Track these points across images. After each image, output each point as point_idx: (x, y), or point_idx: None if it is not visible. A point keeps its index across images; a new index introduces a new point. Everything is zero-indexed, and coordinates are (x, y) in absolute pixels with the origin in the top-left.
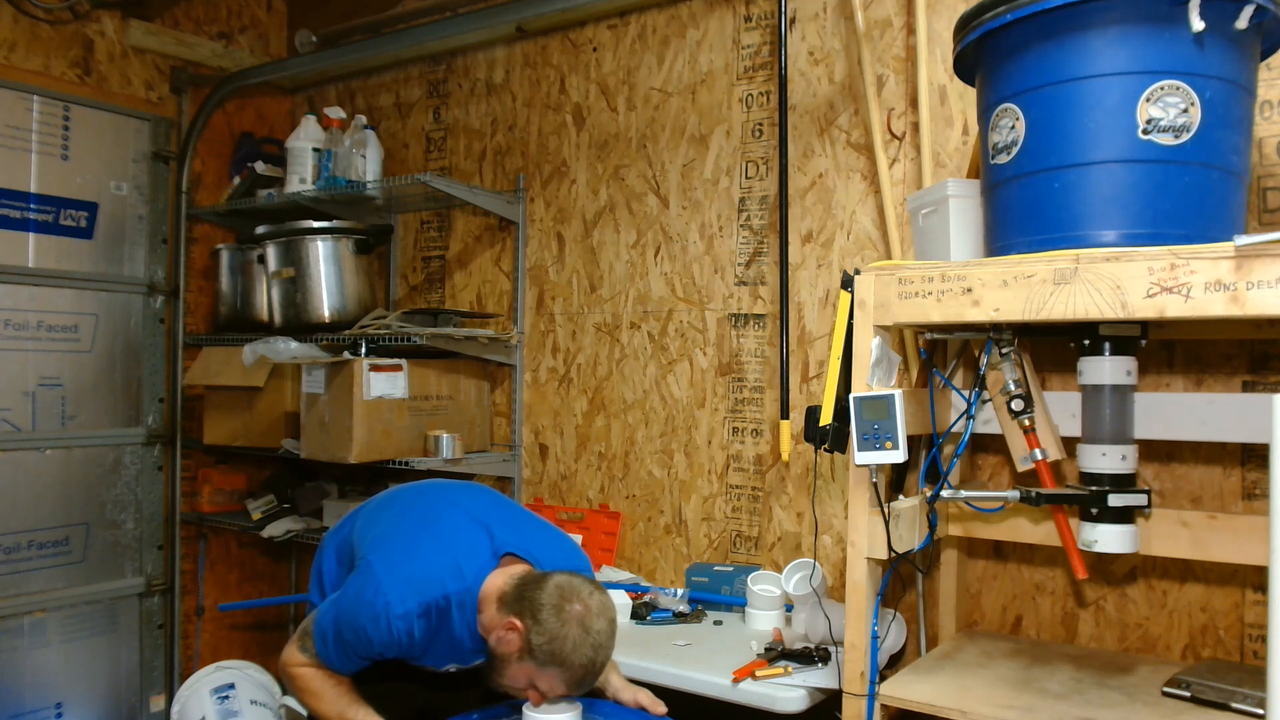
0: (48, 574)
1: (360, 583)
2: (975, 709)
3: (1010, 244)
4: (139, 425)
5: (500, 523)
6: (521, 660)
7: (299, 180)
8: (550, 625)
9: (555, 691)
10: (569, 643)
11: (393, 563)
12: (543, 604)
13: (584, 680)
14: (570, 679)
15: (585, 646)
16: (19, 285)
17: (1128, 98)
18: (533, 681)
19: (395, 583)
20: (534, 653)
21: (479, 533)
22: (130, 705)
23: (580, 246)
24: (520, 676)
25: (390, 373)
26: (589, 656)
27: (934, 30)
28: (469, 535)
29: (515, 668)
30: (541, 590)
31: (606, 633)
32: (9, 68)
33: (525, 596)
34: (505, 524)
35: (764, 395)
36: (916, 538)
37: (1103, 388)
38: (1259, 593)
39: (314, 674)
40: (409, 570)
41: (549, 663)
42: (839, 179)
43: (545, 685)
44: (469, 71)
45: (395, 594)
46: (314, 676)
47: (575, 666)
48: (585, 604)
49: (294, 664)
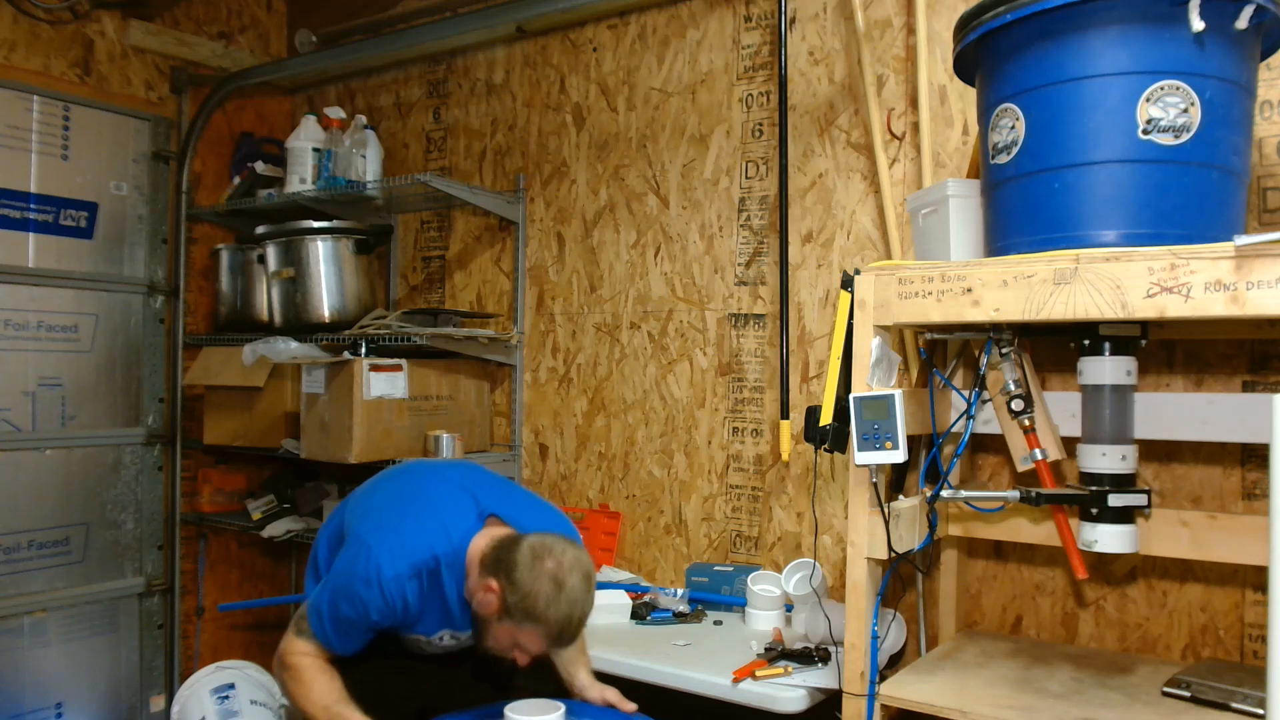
0: (48, 574)
1: (351, 554)
2: (975, 709)
3: (1010, 244)
4: (139, 425)
5: (485, 490)
6: (501, 620)
7: (299, 180)
8: (524, 583)
9: (537, 648)
10: (542, 599)
11: (382, 532)
12: (517, 563)
13: (563, 635)
14: (548, 634)
15: (560, 602)
16: (19, 285)
17: (1128, 98)
18: (515, 640)
19: (385, 548)
20: (510, 611)
21: (464, 498)
22: (130, 705)
23: (580, 246)
24: (503, 637)
25: (390, 373)
26: (564, 612)
27: (934, 30)
28: (454, 500)
29: (496, 628)
30: (516, 550)
31: (581, 588)
32: (9, 68)
33: (501, 558)
34: (490, 492)
35: (764, 395)
36: (916, 538)
37: (1103, 388)
38: (1259, 593)
39: (309, 664)
40: (398, 536)
41: (525, 619)
42: (839, 179)
43: (526, 642)
44: (469, 71)
45: (386, 558)
46: (309, 668)
47: (551, 622)
48: (558, 561)
49: (292, 654)
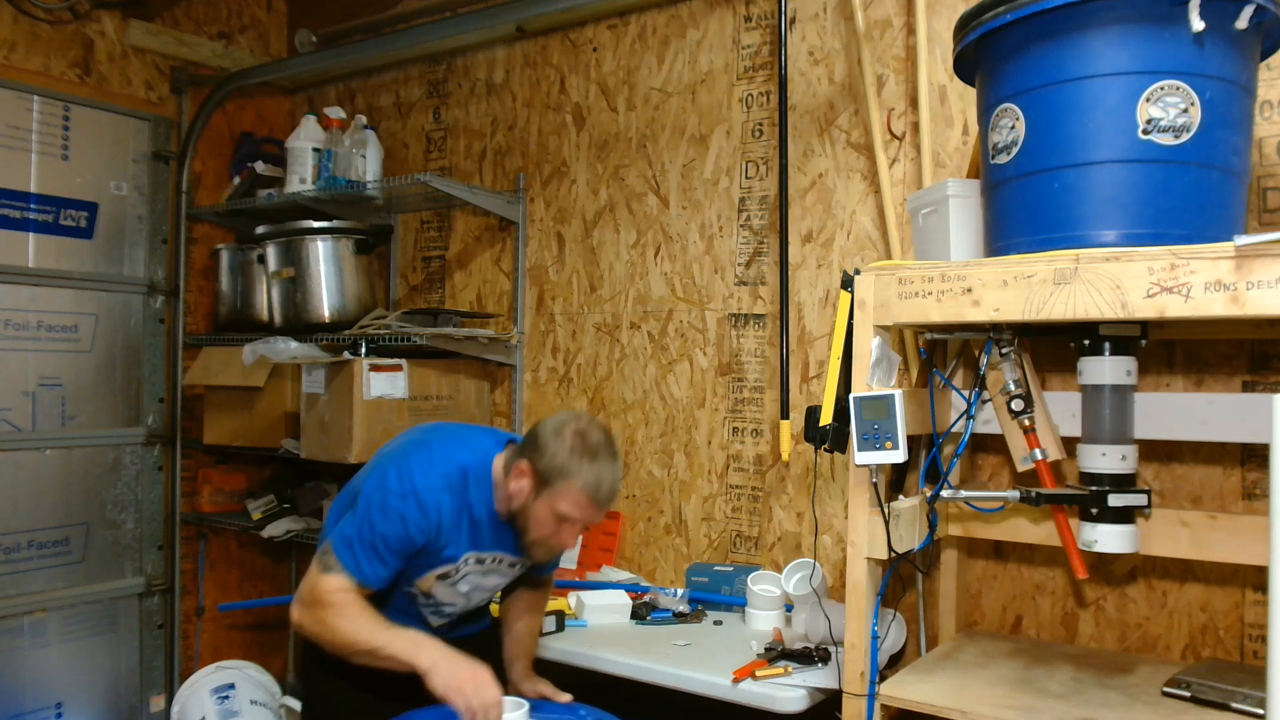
0: (48, 574)
1: (379, 477)
2: (975, 709)
3: (1010, 244)
4: (139, 425)
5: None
6: (538, 496)
7: (299, 180)
8: (551, 446)
9: (580, 511)
10: (573, 453)
11: (408, 453)
12: (540, 435)
13: (599, 490)
14: (585, 487)
15: (591, 454)
16: (19, 285)
17: (1128, 98)
18: (556, 511)
19: (415, 462)
20: (545, 477)
21: (482, 430)
22: (130, 705)
23: (580, 246)
24: (545, 516)
25: (390, 373)
26: (596, 465)
27: (934, 30)
28: (473, 430)
29: (536, 509)
30: (538, 430)
31: (606, 444)
32: (9, 68)
33: (525, 444)
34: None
35: (764, 395)
36: (916, 538)
37: (1103, 388)
38: (1259, 593)
39: (350, 599)
40: (425, 454)
41: (560, 478)
42: (839, 179)
43: (568, 506)
44: (469, 71)
45: (418, 470)
46: (351, 602)
47: (586, 472)
48: (578, 424)
49: (327, 590)
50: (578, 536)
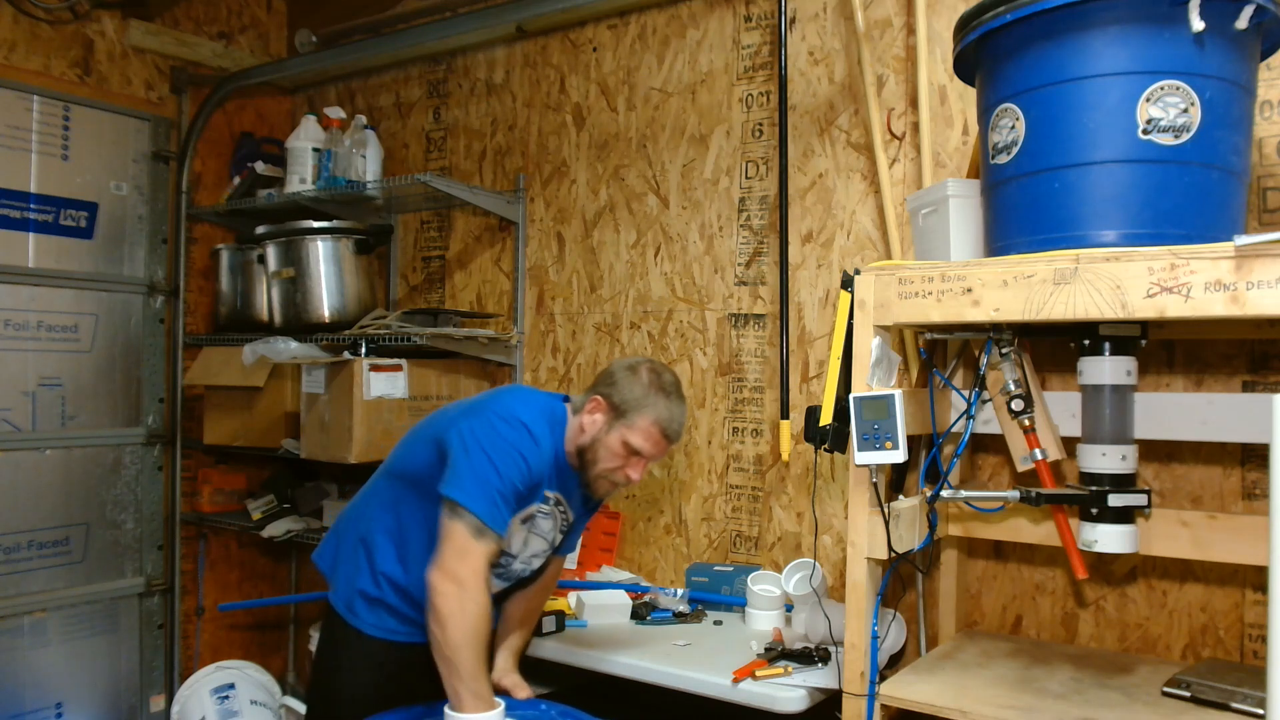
0: (48, 574)
1: (479, 426)
2: (975, 709)
3: (1010, 244)
4: (139, 425)
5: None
6: (611, 427)
7: (299, 180)
8: (626, 381)
9: (652, 443)
10: (650, 389)
11: (500, 400)
12: (614, 372)
13: (671, 424)
14: (658, 419)
15: (664, 389)
16: (19, 285)
17: (1128, 98)
18: (627, 442)
19: (516, 405)
20: (619, 409)
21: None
22: (130, 705)
23: (580, 246)
24: (615, 447)
25: (390, 373)
26: (669, 399)
27: (934, 30)
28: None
29: (608, 440)
30: (609, 369)
31: (677, 385)
32: (9, 68)
33: (597, 381)
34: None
35: (764, 395)
36: (916, 538)
37: (1103, 388)
38: (1259, 593)
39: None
40: (516, 398)
41: (634, 410)
42: (839, 179)
43: (640, 439)
44: (469, 71)
45: (523, 411)
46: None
47: (660, 406)
48: (650, 364)
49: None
50: (643, 472)
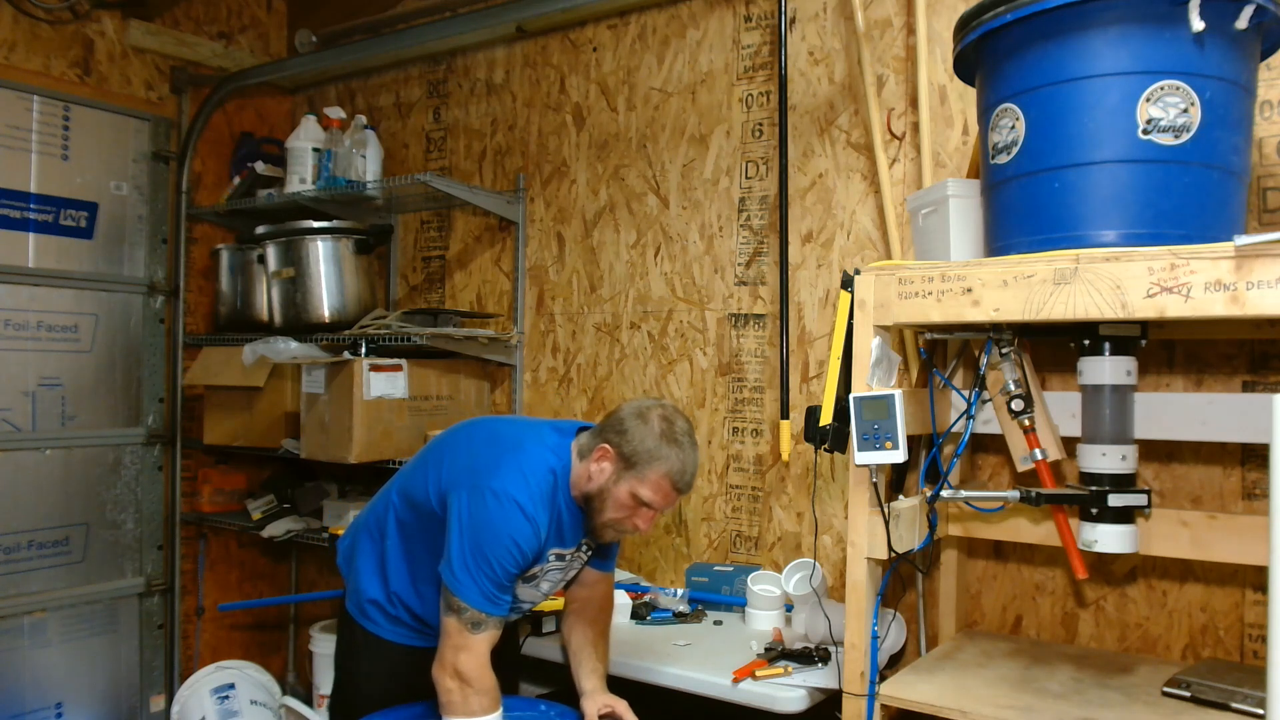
0: (48, 574)
1: (473, 504)
2: (975, 709)
3: (1010, 244)
4: (139, 425)
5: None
6: (620, 478)
7: (299, 180)
8: (636, 430)
9: (662, 496)
10: (661, 440)
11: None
12: (624, 419)
13: (682, 476)
14: (669, 471)
15: (675, 439)
16: (19, 285)
17: (1128, 98)
18: (636, 494)
19: (512, 481)
20: (629, 460)
21: (543, 426)
22: (130, 705)
23: (580, 246)
24: (624, 498)
25: (390, 373)
26: (680, 450)
27: (934, 30)
28: (539, 428)
29: (616, 492)
30: (619, 415)
31: (689, 432)
32: (9, 68)
33: (605, 426)
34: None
35: (764, 395)
36: (916, 538)
37: (1103, 388)
38: (1259, 593)
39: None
40: (516, 469)
41: (644, 463)
42: (839, 179)
43: (650, 492)
44: (469, 71)
45: (517, 490)
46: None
47: (672, 458)
48: (662, 409)
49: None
50: (651, 523)
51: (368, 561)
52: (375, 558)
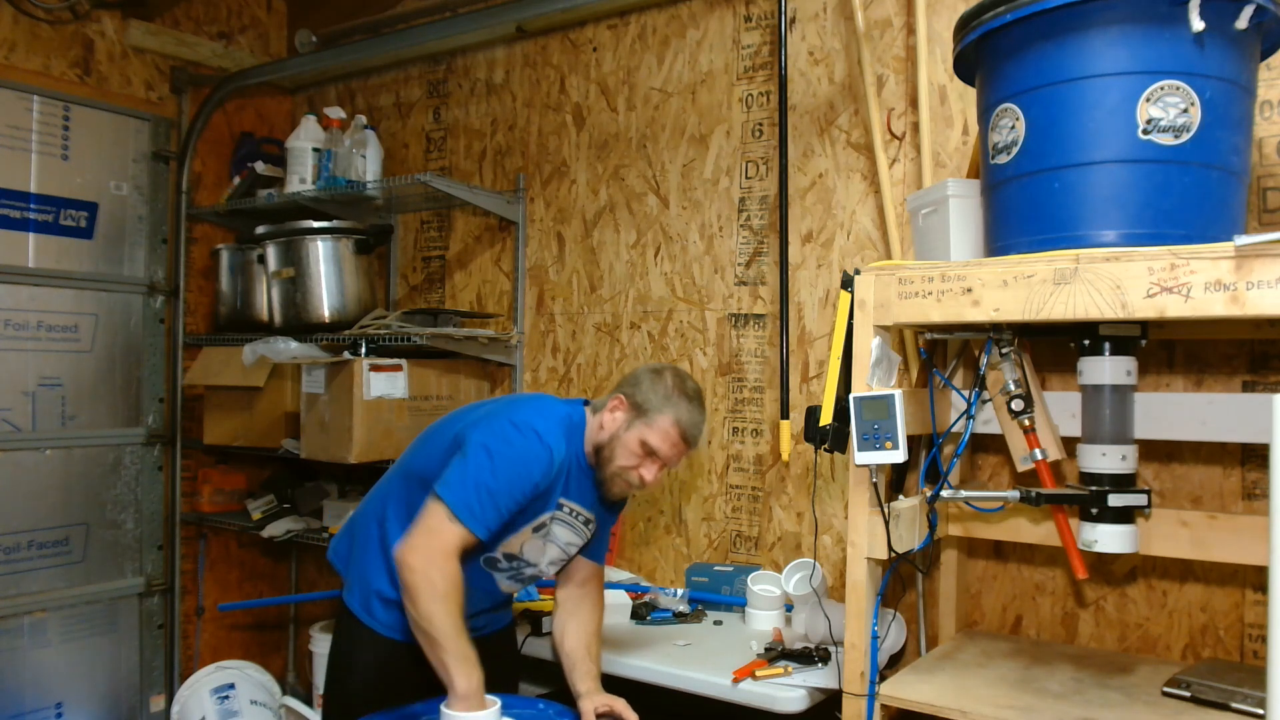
0: (48, 574)
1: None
2: (975, 709)
3: (1010, 244)
4: (139, 425)
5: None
6: (630, 425)
7: (299, 180)
8: (649, 382)
9: (669, 445)
10: (673, 391)
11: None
12: (638, 374)
13: (692, 425)
14: (678, 420)
15: (685, 393)
16: (19, 285)
17: (1128, 98)
18: (645, 441)
19: (527, 411)
20: (640, 407)
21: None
22: (130, 705)
23: (580, 246)
24: (633, 444)
25: (390, 373)
26: (689, 406)
27: (934, 30)
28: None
29: (626, 437)
30: (635, 372)
31: (698, 390)
32: (9, 68)
33: (622, 381)
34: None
35: (764, 395)
36: (916, 538)
37: (1103, 388)
38: (1259, 593)
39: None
40: (530, 405)
41: (655, 410)
42: (839, 179)
43: (658, 439)
44: (469, 71)
45: (534, 417)
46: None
47: (682, 408)
48: (675, 370)
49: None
50: (656, 476)
51: (369, 552)
52: (377, 546)
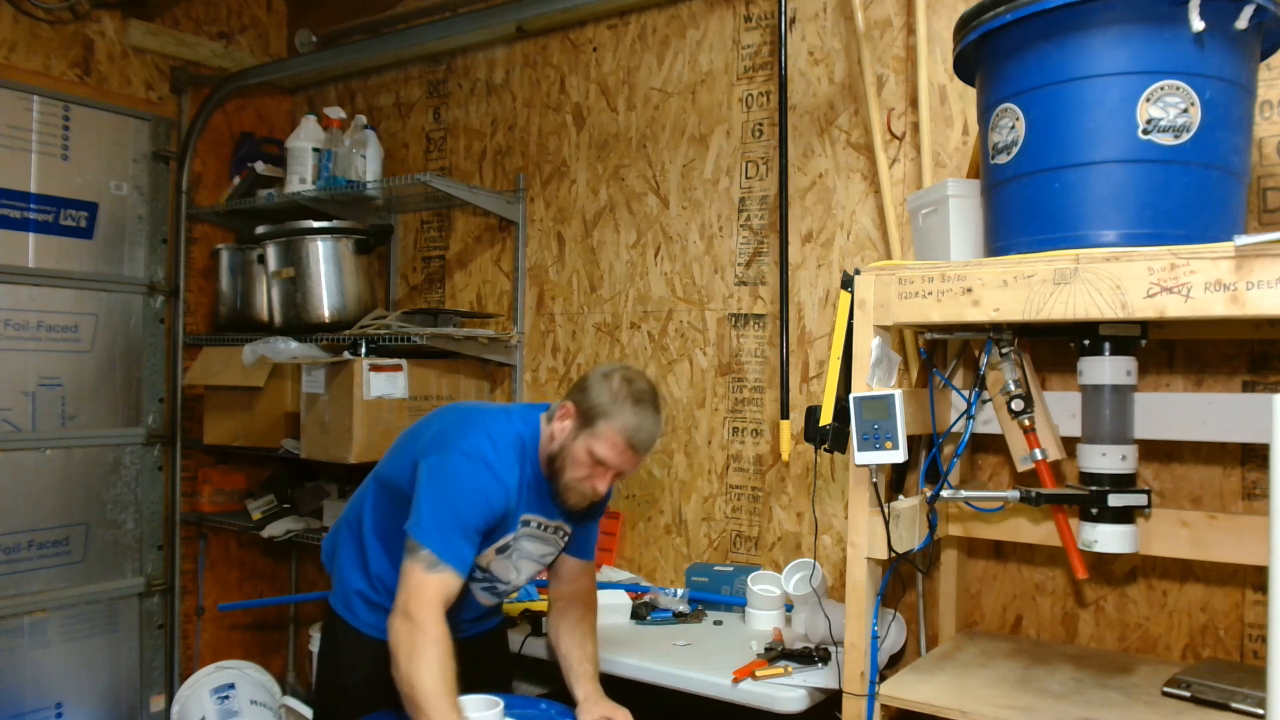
0: (48, 574)
1: (442, 464)
2: (975, 709)
3: (1010, 244)
4: (139, 425)
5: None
6: (578, 435)
7: (299, 180)
8: (596, 388)
9: (616, 454)
10: (619, 397)
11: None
12: (588, 378)
13: (636, 435)
14: (624, 429)
15: (632, 397)
16: (19, 285)
17: (1128, 98)
18: (592, 452)
19: (479, 438)
20: (587, 416)
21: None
22: (130, 705)
23: (580, 246)
24: (581, 455)
25: (390, 373)
26: (635, 410)
27: (934, 30)
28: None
29: (575, 449)
30: (587, 375)
31: (650, 395)
32: (9, 68)
33: (573, 389)
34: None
35: (764, 395)
36: (916, 538)
37: (1103, 388)
38: (1259, 593)
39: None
40: (481, 428)
41: (602, 417)
42: (839, 179)
43: (605, 448)
44: (469, 71)
45: (484, 446)
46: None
47: (627, 415)
48: (626, 372)
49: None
50: (610, 484)
51: (349, 553)
52: (355, 548)
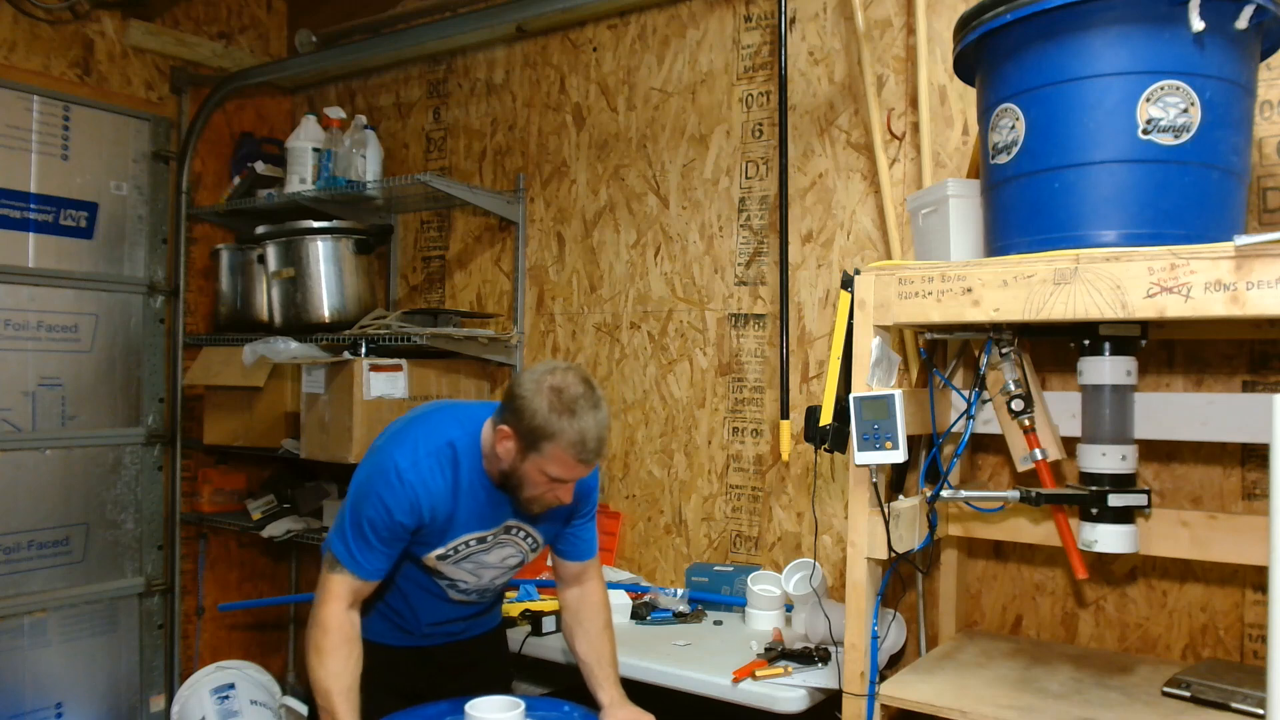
0: (48, 574)
1: (364, 465)
2: (975, 709)
3: (1010, 244)
4: (139, 425)
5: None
6: (525, 458)
7: (299, 180)
8: (529, 407)
9: (569, 470)
10: (552, 413)
11: (396, 438)
12: (516, 393)
13: (584, 448)
14: (570, 445)
15: (568, 411)
16: (19, 285)
17: (1128, 98)
18: (545, 472)
19: (398, 446)
20: (527, 439)
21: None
22: (130, 705)
23: (580, 246)
24: (535, 478)
25: (390, 373)
26: (576, 418)
27: (934, 30)
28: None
29: (524, 471)
30: (513, 388)
31: (586, 394)
32: (9, 68)
33: (505, 403)
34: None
35: (764, 395)
36: (916, 538)
37: (1103, 388)
38: (1259, 593)
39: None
40: (409, 437)
41: (541, 439)
42: (839, 179)
43: (556, 468)
44: (469, 71)
45: (400, 453)
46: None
47: (568, 431)
48: (553, 377)
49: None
50: (571, 492)
51: None
52: None
